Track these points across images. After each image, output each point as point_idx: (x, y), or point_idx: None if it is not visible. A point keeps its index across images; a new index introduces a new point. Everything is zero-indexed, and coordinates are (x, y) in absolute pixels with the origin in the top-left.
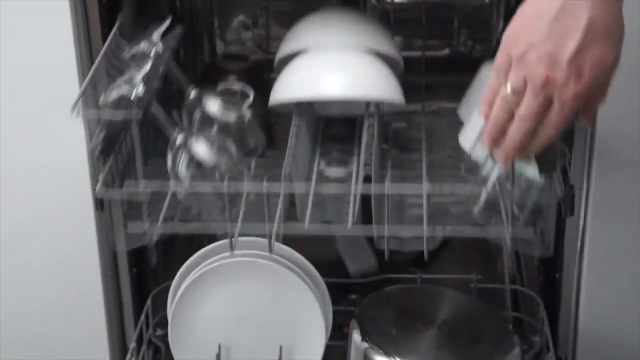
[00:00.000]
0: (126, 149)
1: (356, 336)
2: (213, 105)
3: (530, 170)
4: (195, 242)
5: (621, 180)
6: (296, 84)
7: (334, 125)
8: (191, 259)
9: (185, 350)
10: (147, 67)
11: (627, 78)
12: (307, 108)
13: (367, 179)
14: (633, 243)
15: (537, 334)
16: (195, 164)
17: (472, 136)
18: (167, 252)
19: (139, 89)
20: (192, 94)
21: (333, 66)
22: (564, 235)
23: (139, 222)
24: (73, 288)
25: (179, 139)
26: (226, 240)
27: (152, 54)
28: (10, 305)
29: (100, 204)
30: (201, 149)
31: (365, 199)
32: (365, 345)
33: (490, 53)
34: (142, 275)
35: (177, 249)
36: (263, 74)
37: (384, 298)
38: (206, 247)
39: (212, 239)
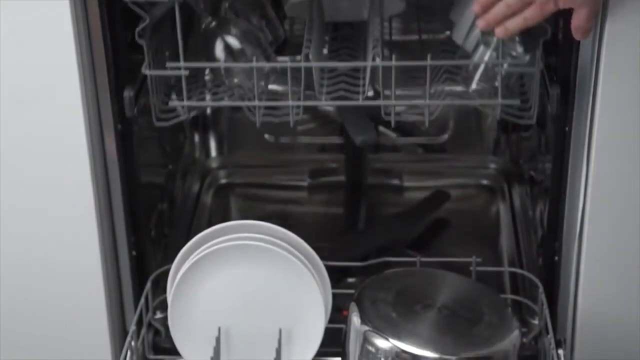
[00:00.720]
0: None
1: (355, 319)
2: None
3: (516, 49)
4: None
5: (620, 163)
6: None
7: (342, 29)
8: (191, 242)
9: (185, 333)
10: None
11: None
12: (317, 14)
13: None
14: (633, 225)
15: (536, 317)
16: (226, 48)
17: (463, 31)
18: (166, 235)
19: None
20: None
21: None
22: (563, 217)
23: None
24: (73, 271)
25: (213, 24)
26: (226, 224)
27: None
28: (9, 289)
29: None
30: (231, 36)
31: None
32: (365, 328)
33: None
34: (142, 258)
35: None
36: None
37: (384, 281)
38: (205, 230)
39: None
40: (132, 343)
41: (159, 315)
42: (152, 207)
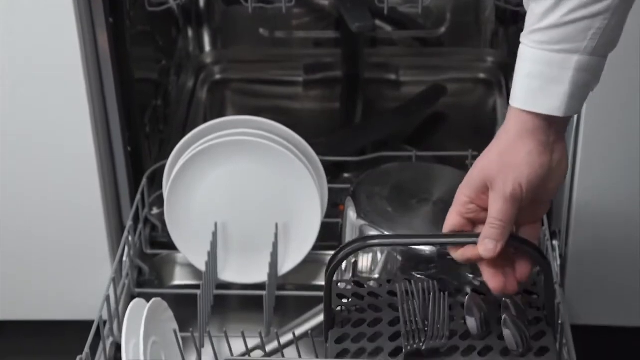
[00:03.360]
0: None
1: (351, 213)
2: None
3: None
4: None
5: (619, 50)
6: None
7: None
8: (186, 137)
9: (182, 228)
10: None
11: None
12: None
13: None
14: (630, 116)
15: None
16: None
17: None
18: (162, 131)
19: None
20: None
21: None
22: None
23: None
24: (69, 169)
25: None
26: (221, 119)
27: None
28: (6, 190)
29: None
30: None
31: None
32: (361, 222)
33: None
34: (137, 154)
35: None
36: None
37: (379, 175)
38: (201, 126)
39: None
40: (130, 238)
41: (155, 211)
42: (147, 103)
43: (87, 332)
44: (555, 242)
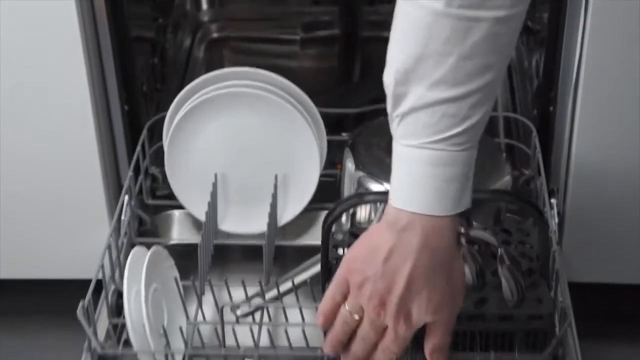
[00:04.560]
0: None
1: (350, 165)
2: None
3: None
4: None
5: (619, 10)
6: None
7: None
8: (185, 89)
9: (182, 179)
10: None
11: None
12: None
13: None
14: (629, 75)
15: (529, 166)
16: None
17: None
18: (159, 89)
19: None
20: None
21: None
22: (559, 67)
23: None
24: (66, 126)
25: None
26: (220, 71)
27: None
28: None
29: None
30: None
31: None
32: (360, 173)
33: None
34: (134, 113)
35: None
36: None
37: (378, 128)
38: (200, 77)
39: None
40: (131, 187)
41: (154, 169)
42: (144, 62)
43: (86, 290)
44: (553, 200)
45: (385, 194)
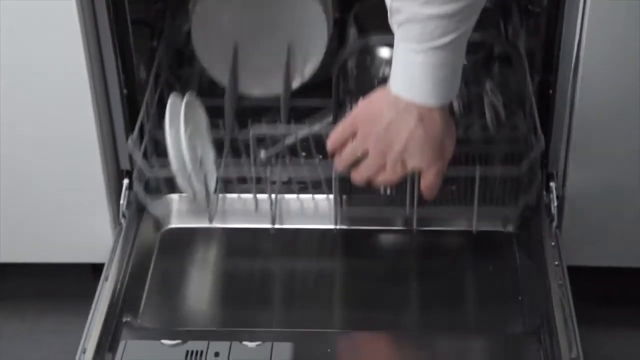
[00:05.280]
0: None
1: (352, 32)
2: None
3: None
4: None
5: None
6: None
7: None
8: None
9: (207, 46)
10: None
11: None
12: None
13: None
14: (629, 54)
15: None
16: None
17: None
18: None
19: None
20: None
21: None
22: (558, 48)
23: None
24: (65, 110)
25: None
26: None
27: None
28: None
29: None
30: None
31: None
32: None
33: None
34: (133, 97)
35: None
36: None
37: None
38: None
39: None
40: (150, 111)
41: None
42: (143, 45)
43: (85, 275)
44: (552, 184)
45: (388, 37)
